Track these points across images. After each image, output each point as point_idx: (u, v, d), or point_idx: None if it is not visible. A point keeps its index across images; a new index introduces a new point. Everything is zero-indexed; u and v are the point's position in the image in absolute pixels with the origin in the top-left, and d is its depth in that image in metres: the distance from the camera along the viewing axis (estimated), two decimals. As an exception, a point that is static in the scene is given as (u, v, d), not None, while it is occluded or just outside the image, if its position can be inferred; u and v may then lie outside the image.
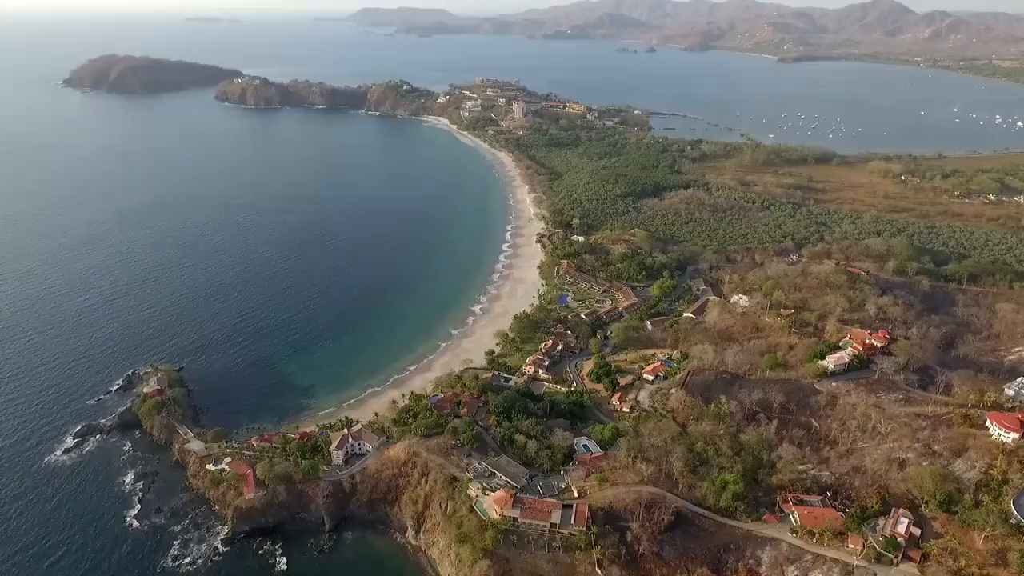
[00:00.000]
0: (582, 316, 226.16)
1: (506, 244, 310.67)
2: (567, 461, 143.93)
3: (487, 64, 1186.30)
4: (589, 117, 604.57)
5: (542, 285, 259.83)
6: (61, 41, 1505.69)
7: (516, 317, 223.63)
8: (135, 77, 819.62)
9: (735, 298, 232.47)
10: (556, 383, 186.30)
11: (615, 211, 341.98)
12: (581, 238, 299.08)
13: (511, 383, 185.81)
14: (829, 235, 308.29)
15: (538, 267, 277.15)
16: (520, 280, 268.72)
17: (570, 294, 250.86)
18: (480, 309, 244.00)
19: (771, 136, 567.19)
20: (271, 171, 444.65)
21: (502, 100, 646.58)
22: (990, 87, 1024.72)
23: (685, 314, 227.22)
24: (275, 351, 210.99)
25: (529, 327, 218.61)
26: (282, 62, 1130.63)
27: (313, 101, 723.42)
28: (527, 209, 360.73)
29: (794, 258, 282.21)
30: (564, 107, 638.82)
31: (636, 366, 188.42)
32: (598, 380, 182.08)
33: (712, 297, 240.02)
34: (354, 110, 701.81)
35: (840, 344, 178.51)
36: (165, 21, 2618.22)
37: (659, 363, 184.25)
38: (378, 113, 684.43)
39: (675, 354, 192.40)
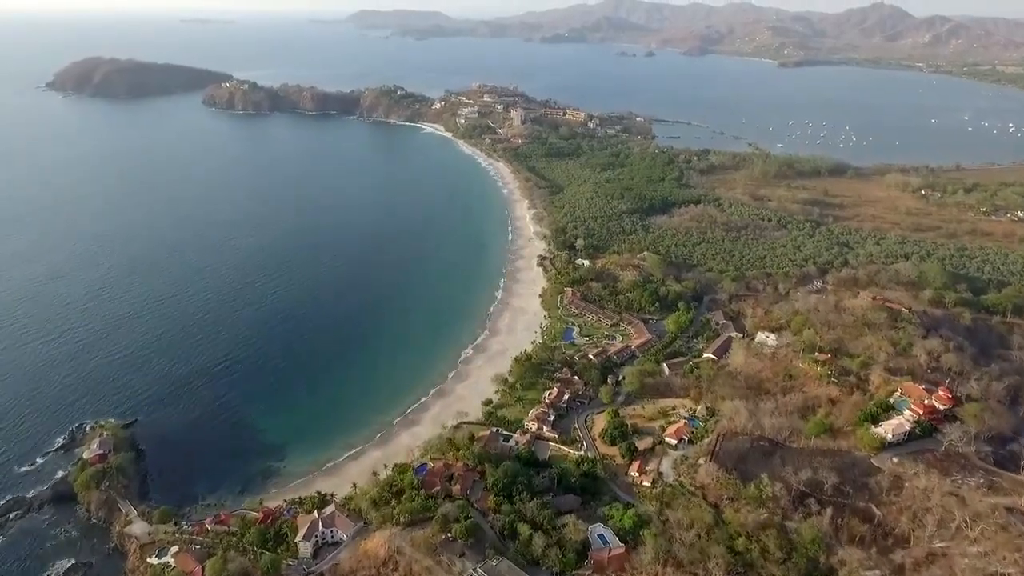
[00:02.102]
0: (590, 357, 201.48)
1: (505, 267, 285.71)
2: (580, 558, 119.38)
3: (484, 65, 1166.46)
4: (590, 125, 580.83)
5: (545, 317, 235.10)
6: (54, 42, 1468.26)
7: (516, 359, 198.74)
8: (120, 80, 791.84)
9: (760, 336, 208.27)
10: (563, 444, 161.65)
11: (622, 230, 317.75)
12: (586, 262, 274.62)
13: (511, 442, 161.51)
14: (853, 258, 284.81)
15: (540, 295, 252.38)
16: (521, 310, 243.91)
17: (576, 328, 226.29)
18: (476, 346, 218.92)
19: (779, 145, 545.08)
20: (253, 184, 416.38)
21: (500, 107, 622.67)
22: (996, 93, 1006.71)
23: (705, 354, 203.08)
24: (243, 400, 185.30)
25: (531, 371, 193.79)
26: (276, 64, 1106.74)
27: (303, 106, 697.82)
28: (527, 227, 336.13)
29: (818, 285, 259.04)
30: (564, 114, 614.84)
31: (656, 424, 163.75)
32: (612, 442, 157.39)
33: (734, 334, 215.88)
34: (346, 116, 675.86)
35: (893, 403, 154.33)
36: (160, 22, 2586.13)
37: (682, 422, 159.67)
38: (371, 119, 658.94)
39: (700, 409, 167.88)
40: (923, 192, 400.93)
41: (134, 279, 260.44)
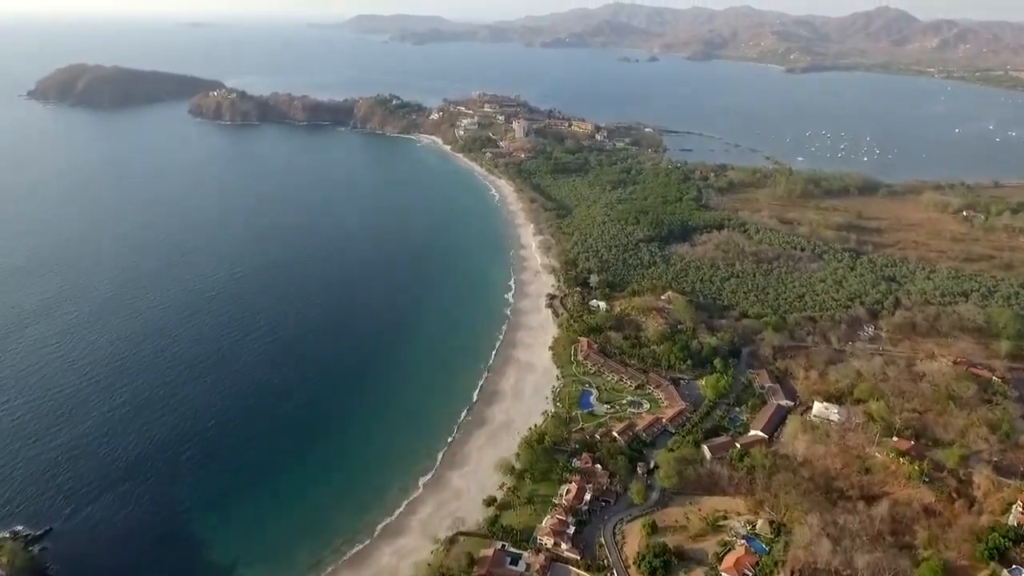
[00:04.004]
0: (615, 435, 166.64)
1: (508, 309, 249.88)
2: None
3: (483, 68, 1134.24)
4: (598, 137, 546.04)
5: (557, 377, 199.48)
6: (49, 46, 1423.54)
7: (526, 440, 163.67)
8: (104, 88, 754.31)
9: (818, 407, 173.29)
10: (587, 570, 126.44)
11: (639, 262, 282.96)
12: (603, 304, 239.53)
13: (521, 566, 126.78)
14: (905, 296, 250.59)
15: (550, 347, 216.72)
16: (528, 367, 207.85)
17: (594, 391, 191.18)
18: (476, 418, 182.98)
19: (800, 159, 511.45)
20: (227, 209, 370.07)
21: (501, 117, 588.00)
22: (1014, 100, 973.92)
23: (752, 431, 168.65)
24: (188, 498, 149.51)
25: (543, 457, 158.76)
26: (272, 70, 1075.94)
27: (294, 116, 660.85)
28: (533, 257, 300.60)
29: (871, 332, 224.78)
30: (569, 125, 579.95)
31: (707, 548, 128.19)
32: (652, 573, 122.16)
33: (784, 402, 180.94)
34: (339, 126, 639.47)
35: (1020, 527, 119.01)
36: (158, 25, 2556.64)
37: (742, 548, 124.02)
38: (364, 131, 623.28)
39: (760, 524, 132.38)
40: (965, 214, 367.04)
41: (77, 335, 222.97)
